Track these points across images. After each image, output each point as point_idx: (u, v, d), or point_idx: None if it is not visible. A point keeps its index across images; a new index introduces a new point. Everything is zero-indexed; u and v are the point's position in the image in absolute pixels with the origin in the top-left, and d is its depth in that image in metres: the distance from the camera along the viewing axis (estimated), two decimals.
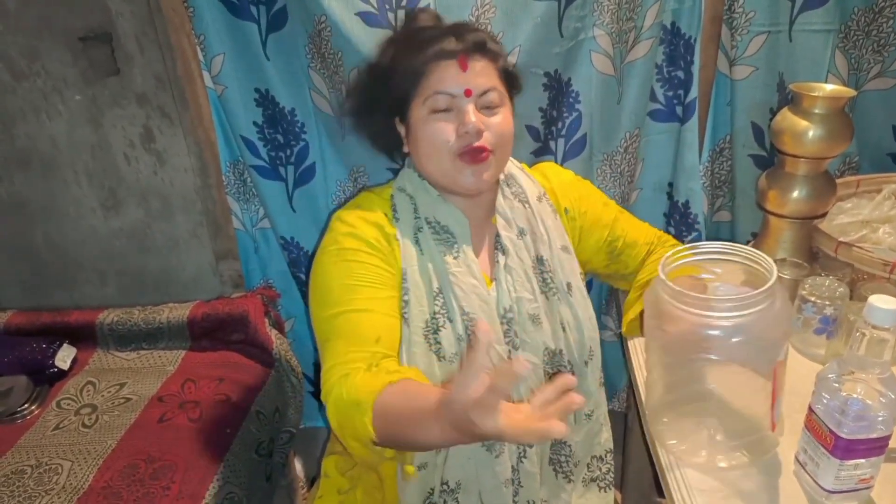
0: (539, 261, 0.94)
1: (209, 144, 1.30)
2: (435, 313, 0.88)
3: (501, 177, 0.96)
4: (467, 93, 0.85)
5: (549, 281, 0.94)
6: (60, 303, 1.44)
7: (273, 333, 1.35)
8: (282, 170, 1.32)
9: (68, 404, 1.23)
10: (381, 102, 0.93)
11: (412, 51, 0.88)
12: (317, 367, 1.57)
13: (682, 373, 0.77)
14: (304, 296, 1.46)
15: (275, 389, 1.31)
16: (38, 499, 1.00)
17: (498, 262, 0.93)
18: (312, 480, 1.52)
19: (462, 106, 0.85)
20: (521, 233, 0.94)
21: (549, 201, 1.00)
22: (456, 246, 0.90)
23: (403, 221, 0.91)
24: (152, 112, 1.28)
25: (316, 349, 1.53)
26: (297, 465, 1.51)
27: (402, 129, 0.93)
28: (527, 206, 0.97)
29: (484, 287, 0.90)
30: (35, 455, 1.10)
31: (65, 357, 1.31)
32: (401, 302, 0.88)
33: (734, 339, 0.69)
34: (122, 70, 1.24)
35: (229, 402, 1.22)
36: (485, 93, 0.86)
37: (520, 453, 0.90)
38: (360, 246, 0.87)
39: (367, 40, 1.12)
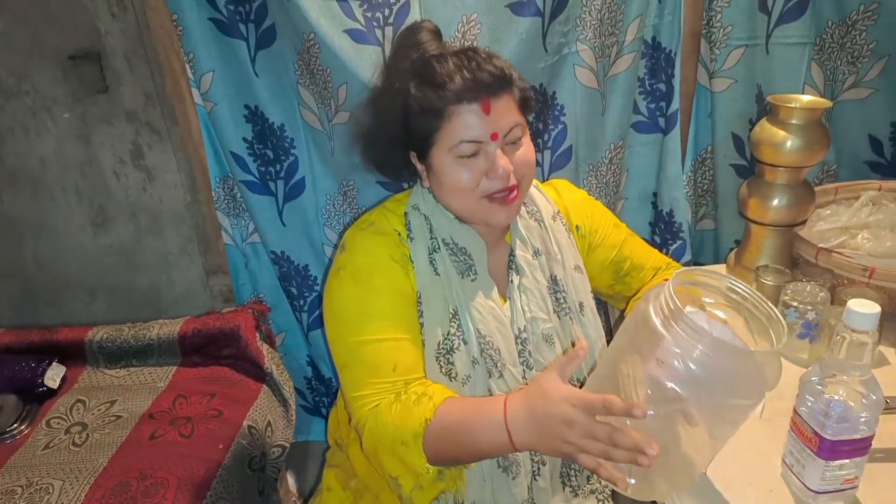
0: (553, 280, 0.94)
1: (199, 160, 1.31)
2: (449, 335, 0.87)
3: None
4: (493, 137, 0.81)
5: (562, 301, 0.93)
6: (49, 320, 1.43)
7: (264, 348, 1.35)
8: (272, 185, 1.33)
9: (58, 423, 1.23)
10: (399, 138, 0.88)
11: (429, 90, 0.81)
12: (308, 381, 1.57)
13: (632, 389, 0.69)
14: (296, 309, 1.46)
15: (267, 404, 1.31)
16: None
17: (512, 281, 0.92)
18: (309, 495, 1.51)
19: (490, 150, 0.82)
20: (537, 253, 0.93)
21: (563, 220, 0.99)
22: (473, 267, 0.89)
23: (418, 241, 0.89)
24: (141, 129, 1.29)
25: (308, 363, 1.54)
26: (290, 480, 1.50)
27: (418, 165, 0.89)
28: (542, 224, 0.95)
29: (500, 309, 0.89)
30: (26, 475, 1.09)
31: (54, 376, 1.30)
32: (417, 322, 0.88)
33: (700, 381, 0.63)
34: (111, 88, 1.25)
35: (221, 417, 1.22)
36: (509, 132, 0.82)
37: (534, 471, 0.90)
38: (373, 270, 0.86)
39: (356, 57, 1.13)
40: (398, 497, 0.90)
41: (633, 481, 0.69)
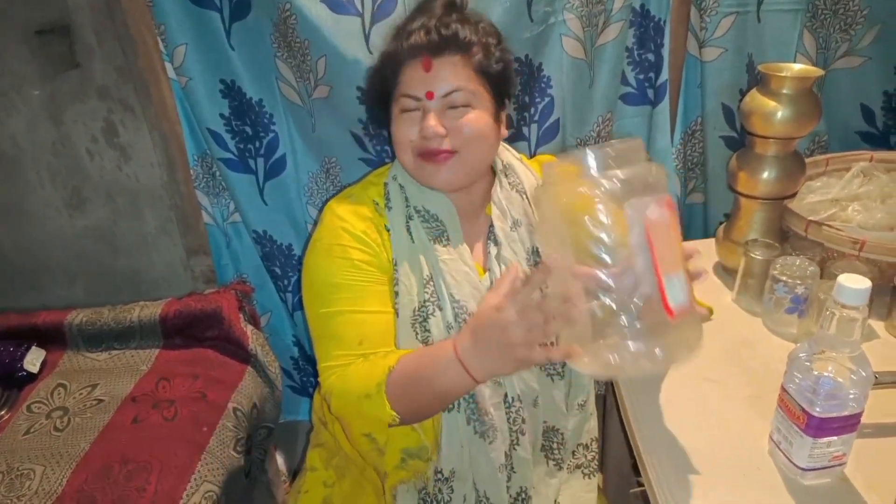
0: (535, 252, 0.94)
1: (175, 138, 1.27)
2: (425, 301, 0.88)
3: (500, 167, 0.95)
4: (429, 95, 0.84)
5: None
6: (28, 306, 1.40)
7: (248, 329, 1.33)
8: (251, 162, 1.29)
9: (39, 408, 1.20)
10: (379, 95, 0.92)
11: (391, 46, 0.87)
12: (295, 361, 1.55)
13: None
14: (280, 289, 1.44)
15: (252, 385, 1.29)
16: None
17: (490, 252, 0.92)
18: (295, 473, 1.51)
19: (426, 107, 0.84)
20: (516, 224, 0.93)
21: None
22: (446, 234, 0.90)
23: (395, 210, 0.91)
24: (114, 106, 1.25)
25: (294, 343, 1.53)
26: (279, 460, 1.50)
27: None
28: (524, 196, 0.95)
29: (476, 275, 0.90)
30: (6, 460, 1.07)
31: (34, 360, 1.28)
32: (392, 293, 0.89)
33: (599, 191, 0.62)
34: (82, 63, 1.21)
35: (205, 399, 1.20)
36: (449, 93, 0.84)
37: (512, 440, 0.91)
38: (348, 241, 0.87)
39: (334, 28, 1.10)
40: (373, 464, 0.91)
41: (586, 359, 0.67)
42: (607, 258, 0.64)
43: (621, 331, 0.65)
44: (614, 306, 0.64)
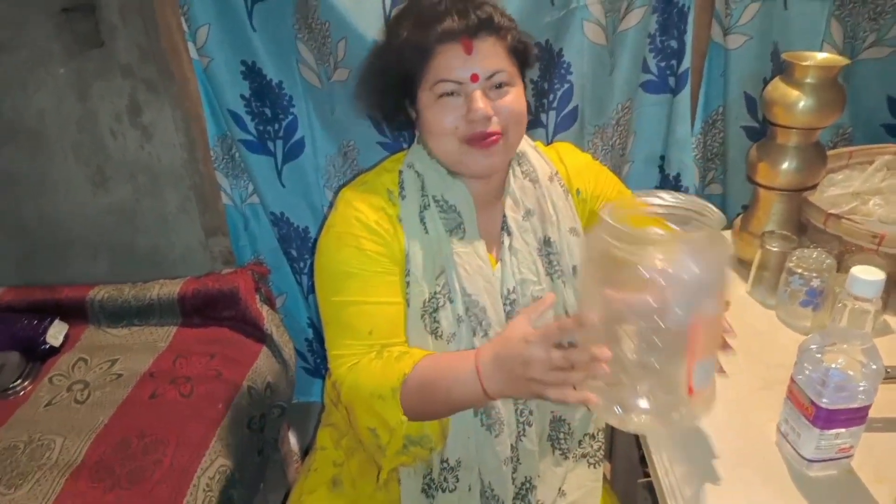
0: (546, 242, 0.93)
1: (196, 118, 1.28)
2: (435, 293, 0.87)
3: None
4: (473, 78, 0.82)
5: (555, 263, 0.92)
6: (51, 280, 1.43)
7: (264, 309, 1.35)
8: (270, 144, 1.30)
9: (60, 380, 1.24)
10: (391, 84, 0.89)
11: (416, 32, 0.83)
12: (309, 343, 1.57)
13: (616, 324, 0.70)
14: (296, 272, 1.46)
15: (266, 365, 1.31)
16: (30, 474, 1.01)
17: (503, 242, 0.91)
18: (306, 452, 1.53)
19: (469, 91, 0.82)
20: (529, 213, 0.92)
21: (561, 181, 0.97)
22: (462, 225, 0.89)
23: (410, 199, 0.89)
24: (138, 85, 1.27)
25: (308, 325, 1.55)
26: (292, 439, 1.52)
27: (412, 111, 0.90)
28: (537, 185, 0.94)
29: (489, 267, 0.89)
30: (28, 431, 1.11)
31: (56, 333, 1.31)
32: (403, 283, 0.88)
33: (664, 279, 0.63)
34: (106, 42, 1.22)
35: (221, 377, 1.23)
36: (493, 75, 0.83)
37: (519, 432, 0.91)
38: (360, 231, 0.87)
39: (355, 9, 1.10)
40: (372, 455, 0.92)
41: (600, 402, 0.70)
42: (645, 344, 0.66)
43: (641, 395, 0.69)
44: (640, 380, 0.69)
